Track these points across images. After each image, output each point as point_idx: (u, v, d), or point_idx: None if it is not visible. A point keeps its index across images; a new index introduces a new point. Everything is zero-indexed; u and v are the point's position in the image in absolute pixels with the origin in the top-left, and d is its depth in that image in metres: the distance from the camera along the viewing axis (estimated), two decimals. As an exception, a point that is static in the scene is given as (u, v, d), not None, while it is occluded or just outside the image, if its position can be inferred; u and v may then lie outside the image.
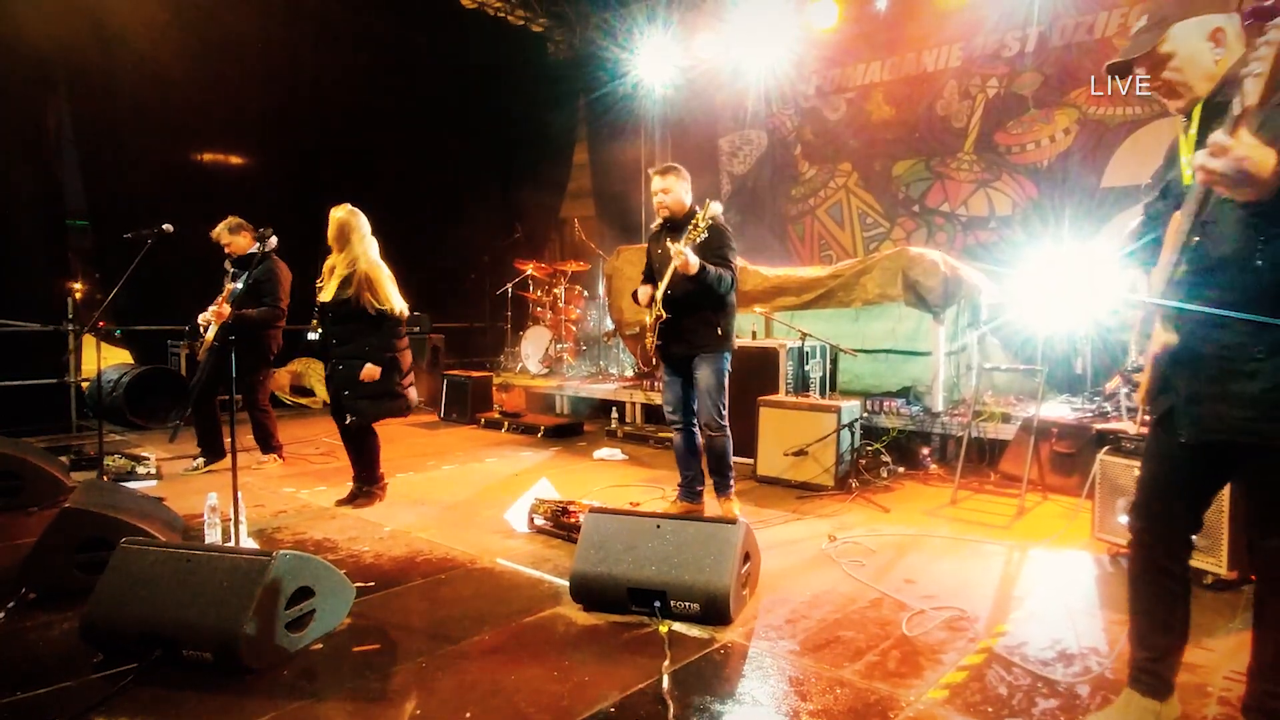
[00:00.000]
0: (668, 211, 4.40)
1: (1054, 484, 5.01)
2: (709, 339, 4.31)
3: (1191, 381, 2.06)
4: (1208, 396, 2.03)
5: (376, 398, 4.59)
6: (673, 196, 4.37)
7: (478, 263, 11.04)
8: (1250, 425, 1.96)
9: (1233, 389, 1.98)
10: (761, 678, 2.68)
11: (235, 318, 5.25)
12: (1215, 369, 2.01)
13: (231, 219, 5.75)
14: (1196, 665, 2.68)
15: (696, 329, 4.30)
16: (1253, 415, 1.96)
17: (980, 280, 6.16)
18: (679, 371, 4.48)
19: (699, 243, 4.12)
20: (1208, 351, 2.01)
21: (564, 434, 7.34)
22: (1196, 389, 2.05)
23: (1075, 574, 3.69)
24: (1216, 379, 2.01)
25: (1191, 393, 2.06)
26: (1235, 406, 1.98)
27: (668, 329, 4.35)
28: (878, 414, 5.97)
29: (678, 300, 4.28)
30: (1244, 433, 1.98)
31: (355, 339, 4.56)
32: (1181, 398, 2.09)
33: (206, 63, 8.36)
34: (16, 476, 4.62)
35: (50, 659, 2.78)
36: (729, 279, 4.21)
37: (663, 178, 4.38)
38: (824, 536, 4.18)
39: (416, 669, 2.72)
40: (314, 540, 4.16)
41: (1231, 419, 1.99)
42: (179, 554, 2.86)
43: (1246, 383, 1.96)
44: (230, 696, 2.52)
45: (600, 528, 3.29)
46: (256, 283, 5.46)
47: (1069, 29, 7.67)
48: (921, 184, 8.87)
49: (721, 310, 4.32)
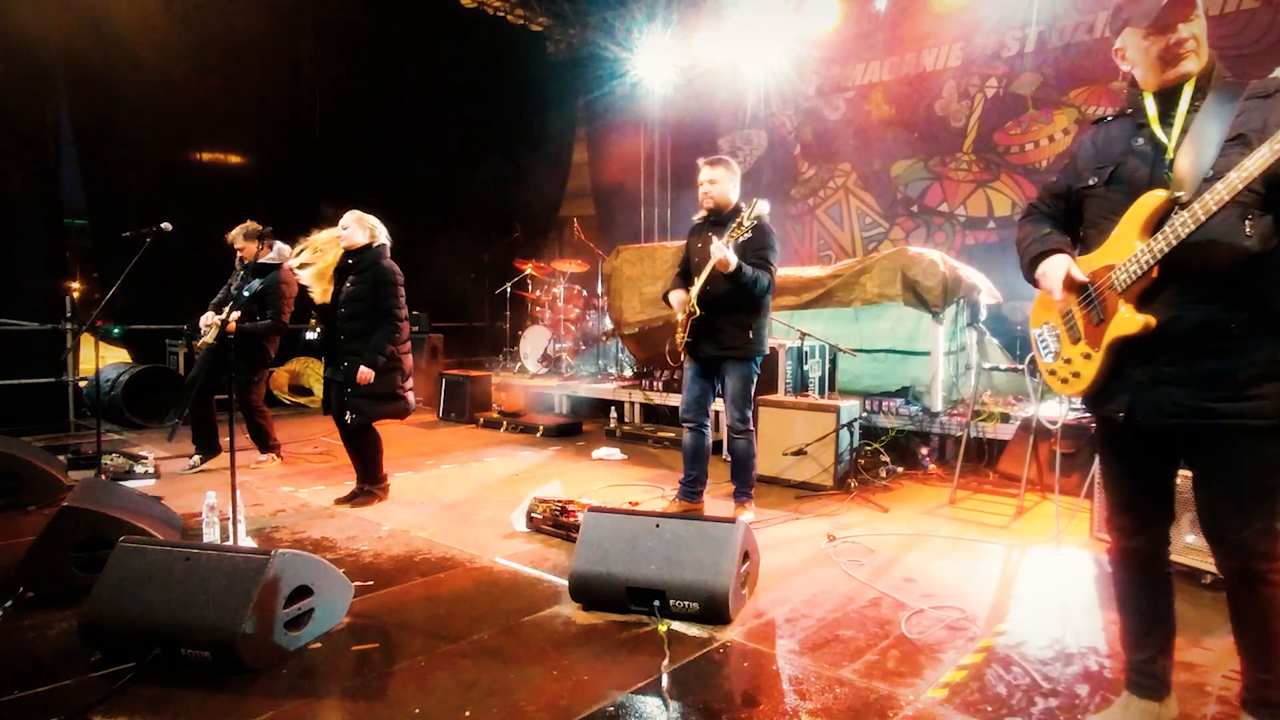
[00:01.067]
0: (712, 203, 4.36)
1: (1053, 484, 5.00)
2: (740, 341, 4.27)
3: (1151, 365, 2.03)
4: (1169, 379, 2.00)
5: (376, 398, 4.58)
6: (719, 189, 4.33)
7: (477, 262, 11.04)
8: (1207, 407, 1.96)
9: (1196, 369, 1.97)
10: (761, 677, 2.68)
11: (237, 330, 5.19)
12: (1181, 348, 1.99)
13: (250, 224, 5.66)
14: (1195, 664, 2.68)
15: (728, 330, 4.27)
16: (1213, 396, 1.95)
17: (980, 280, 6.17)
18: (704, 371, 4.44)
19: (740, 242, 4.08)
20: (1176, 330, 1.99)
21: (563, 433, 7.33)
22: (1156, 372, 2.02)
23: (1074, 573, 3.69)
24: (1180, 359, 1.99)
25: (1151, 376, 2.03)
26: (1195, 387, 1.97)
27: (699, 326, 4.31)
28: (877, 414, 5.97)
29: (713, 298, 4.24)
30: (1203, 415, 1.97)
31: (362, 338, 4.56)
32: (1139, 383, 2.06)
33: (206, 62, 8.36)
34: (15, 475, 4.61)
35: (49, 658, 2.78)
36: (766, 281, 4.16)
37: (712, 168, 4.34)
38: (823, 536, 4.18)
39: (415, 668, 2.72)
40: (313, 539, 4.15)
41: (1191, 400, 1.97)
42: (178, 553, 2.86)
43: (1211, 362, 1.95)
44: (229, 695, 2.52)
45: (599, 527, 3.29)
46: (263, 293, 5.43)
47: (1068, 29, 7.68)
48: (920, 184, 8.88)
49: (755, 312, 4.28)
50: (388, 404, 4.63)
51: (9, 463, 4.62)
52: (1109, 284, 2.08)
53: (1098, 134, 2.25)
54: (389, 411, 4.67)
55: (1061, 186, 2.34)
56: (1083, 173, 2.24)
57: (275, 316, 5.59)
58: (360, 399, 4.54)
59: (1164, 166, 2.03)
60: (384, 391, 4.58)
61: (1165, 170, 2.02)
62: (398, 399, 4.65)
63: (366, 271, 4.58)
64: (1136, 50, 2.08)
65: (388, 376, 4.59)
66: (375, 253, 4.65)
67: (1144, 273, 2.00)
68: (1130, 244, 2.03)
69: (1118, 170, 2.13)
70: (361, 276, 4.58)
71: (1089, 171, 2.21)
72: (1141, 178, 2.07)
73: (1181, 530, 3.43)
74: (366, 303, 4.55)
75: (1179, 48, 1.99)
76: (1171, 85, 2.05)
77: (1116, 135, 2.18)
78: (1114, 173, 2.14)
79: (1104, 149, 2.20)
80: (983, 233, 8.38)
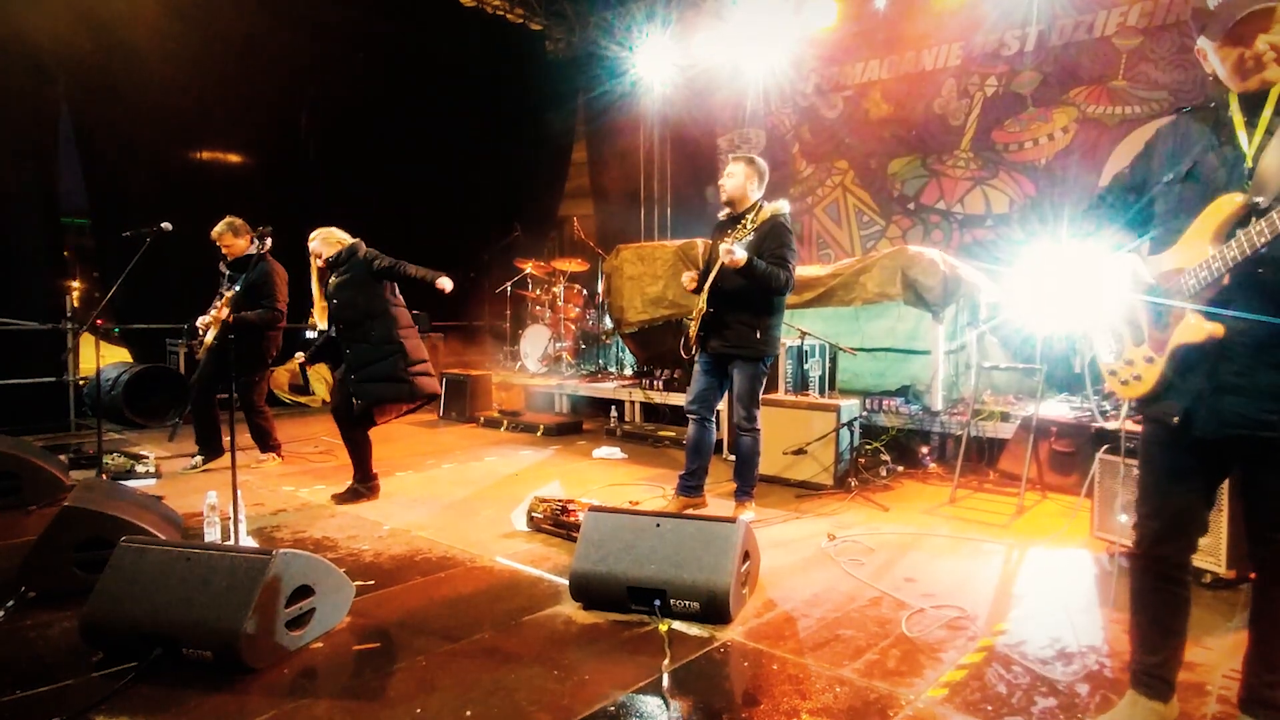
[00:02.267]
0: (727, 196, 4.36)
1: (1053, 483, 5.01)
2: (747, 340, 4.27)
3: (1214, 374, 1.99)
4: (1232, 389, 1.96)
5: (377, 380, 4.70)
6: (734, 183, 4.32)
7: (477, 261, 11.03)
8: (1269, 419, 1.92)
9: (1261, 380, 1.93)
10: (761, 676, 2.68)
11: (235, 320, 5.26)
12: (1247, 359, 1.94)
13: (233, 219, 5.70)
14: (1196, 664, 2.69)
15: (736, 328, 4.27)
16: (1275, 408, 1.92)
17: (980, 279, 6.17)
18: (713, 366, 4.46)
19: (752, 239, 4.11)
20: (1243, 341, 1.94)
21: (563, 432, 7.34)
22: (1219, 381, 1.98)
23: (1074, 573, 3.70)
24: (1245, 370, 1.94)
25: (1214, 385, 1.99)
26: (1258, 398, 1.93)
27: (710, 321, 4.34)
28: (877, 413, 5.97)
29: (724, 294, 4.25)
30: (1264, 427, 1.93)
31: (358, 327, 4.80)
32: (1201, 392, 2.01)
33: (206, 62, 8.35)
34: (15, 475, 4.62)
35: (50, 658, 2.78)
36: (782, 278, 4.14)
37: (733, 164, 4.36)
38: (823, 535, 4.19)
39: (416, 667, 2.72)
40: (313, 539, 4.16)
41: (1252, 412, 1.94)
42: (179, 552, 2.86)
43: (1276, 374, 1.92)
44: (230, 695, 2.52)
45: (600, 526, 3.29)
46: (253, 285, 5.44)
47: (1068, 28, 7.68)
48: (917, 181, 8.88)
49: (766, 312, 4.27)
50: (389, 386, 4.72)
51: (10, 462, 4.63)
52: (1177, 288, 2.02)
53: (1177, 126, 2.17)
54: (389, 394, 4.74)
55: (1134, 180, 2.27)
56: (1157, 167, 2.17)
57: (271, 304, 5.59)
58: (362, 384, 4.69)
59: (1244, 170, 1.96)
60: (385, 374, 4.71)
61: (1245, 174, 1.95)
62: (401, 381, 4.73)
63: (346, 264, 4.85)
64: (1214, 57, 2.02)
65: (389, 360, 4.71)
66: (351, 248, 4.90)
67: (1214, 280, 1.94)
68: (1202, 248, 1.96)
69: (1195, 168, 2.06)
70: (341, 272, 4.85)
71: (1164, 166, 2.14)
72: (1219, 179, 2.00)
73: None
74: (352, 290, 4.79)
75: (1258, 59, 1.93)
76: (1254, 91, 1.98)
77: (1196, 131, 2.10)
78: (1191, 170, 2.06)
79: (1182, 144, 2.13)
80: (981, 230, 8.38)
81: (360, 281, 4.80)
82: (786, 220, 4.27)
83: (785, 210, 4.25)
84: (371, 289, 4.81)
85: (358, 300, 4.78)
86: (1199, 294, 1.98)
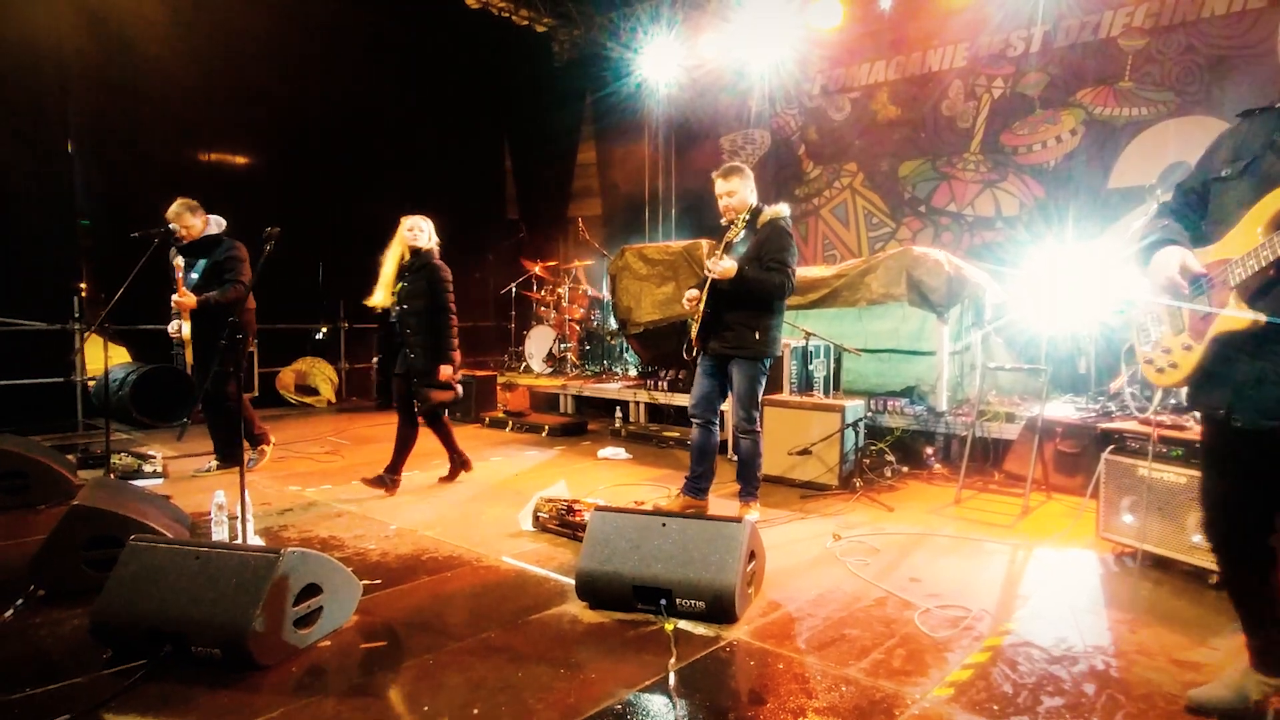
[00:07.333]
0: (734, 214, 4.34)
1: (1058, 483, 5.01)
2: (746, 341, 4.27)
3: (1257, 364, 1.99)
4: (1274, 379, 1.96)
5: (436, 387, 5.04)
6: (738, 199, 4.33)
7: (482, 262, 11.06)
8: None
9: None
10: (767, 676, 2.69)
11: (201, 304, 5.19)
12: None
13: (187, 199, 5.40)
14: (1201, 664, 2.69)
15: (735, 328, 4.28)
16: None
17: (985, 280, 6.16)
18: (713, 368, 4.46)
19: (750, 243, 4.16)
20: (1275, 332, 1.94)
21: (568, 433, 7.35)
22: (1261, 371, 1.98)
23: (1080, 573, 3.69)
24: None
25: (1256, 375, 1.99)
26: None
27: (710, 322, 4.34)
28: (882, 413, 5.97)
29: (723, 295, 4.26)
30: None
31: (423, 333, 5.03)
32: (1241, 381, 2.01)
33: (212, 63, 8.40)
34: (24, 475, 4.64)
35: (60, 655, 2.80)
36: (778, 281, 4.15)
37: (726, 180, 4.34)
38: (828, 535, 4.19)
39: (423, 666, 2.74)
40: (320, 538, 4.17)
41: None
42: (187, 551, 2.87)
43: None
44: (239, 693, 2.54)
45: (605, 526, 3.30)
46: (218, 264, 5.31)
47: (1074, 29, 7.67)
48: (928, 184, 8.87)
49: (765, 313, 4.27)
50: (444, 390, 5.10)
51: (18, 462, 4.66)
52: (1223, 278, 2.02)
53: (1240, 127, 2.19)
54: (446, 399, 5.15)
55: (1195, 180, 2.28)
56: (1218, 164, 2.19)
57: (235, 279, 5.31)
58: (424, 388, 5.01)
59: None
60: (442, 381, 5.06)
61: None
62: (449, 386, 5.13)
63: (420, 271, 5.00)
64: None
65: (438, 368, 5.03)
66: (428, 254, 5.06)
67: (1261, 268, 1.94)
68: (1252, 238, 1.97)
69: (1254, 163, 2.07)
70: (416, 276, 5.00)
71: (1225, 163, 2.16)
72: (1277, 174, 2.00)
73: (1188, 530, 3.43)
74: (423, 300, 4.97)
75: None
76: None
77: (1260, 129, 2.12)
78: (1249, 165, 2.08)
79: (1245, 142, 2.15)
80: (990, 233, 8.37)
81: (425, 293, 4.99)
82: (787, 224, 4.28)
83: (785, 214, 4.26)
84: (435, 301, 5.00)
85: (422, 310, 4.98)
86: (1246, 282, 1.98)
